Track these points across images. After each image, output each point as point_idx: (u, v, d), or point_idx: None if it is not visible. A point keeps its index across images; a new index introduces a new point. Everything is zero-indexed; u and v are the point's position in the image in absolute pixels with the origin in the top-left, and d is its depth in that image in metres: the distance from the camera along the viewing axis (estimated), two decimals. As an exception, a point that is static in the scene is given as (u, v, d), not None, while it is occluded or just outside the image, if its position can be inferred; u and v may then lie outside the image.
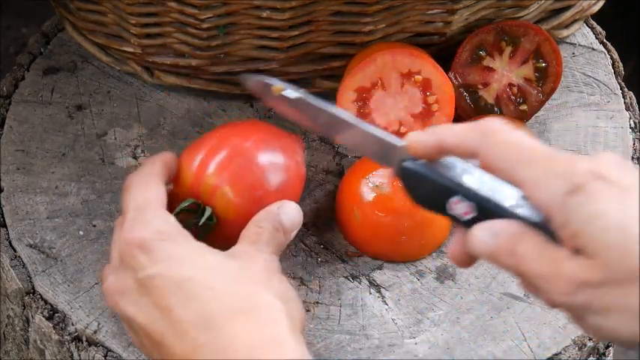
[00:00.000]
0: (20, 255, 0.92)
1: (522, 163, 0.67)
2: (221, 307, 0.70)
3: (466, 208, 0.70)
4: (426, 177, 0.72)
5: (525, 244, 0.66)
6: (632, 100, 1.06)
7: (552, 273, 0.65)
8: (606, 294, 0.63)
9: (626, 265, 0.62)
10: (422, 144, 0.71)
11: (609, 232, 0.62)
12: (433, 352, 0.87)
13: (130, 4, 0.98)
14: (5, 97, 1.04)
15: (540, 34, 0.99)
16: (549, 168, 0.66)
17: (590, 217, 0.63)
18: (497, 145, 0.68)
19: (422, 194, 0.72)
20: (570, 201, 0.64)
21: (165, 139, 1.01)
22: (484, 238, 0.68)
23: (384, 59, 0.95)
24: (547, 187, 0.65)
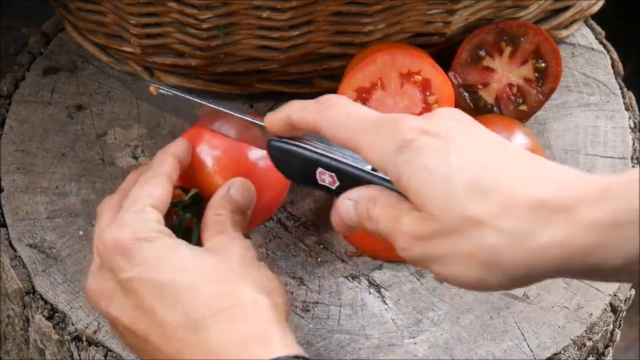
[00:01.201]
0: (20, 255, 0.92)
1: (358, 131, 0.70)
2: (203, 307, 0.70)
3: (330, 178, 0.74)
4: (289, 152, 0.76)
5: (378, 207, 0.69)
6: (631, 100, 1.06)
7: (393, 230, 0.68)
8: (439, 244, 0.65)
9: (452, 214, 0.64)
10: (274, 121, 0.75)
11: (433, 183, 0.65)
12: (433, 352, 0.87)
13: (130, 4, 0.98)
14: (5, 97, 1.04)
15: (540, 35, 0.99)
16: (380, 130, 0.68)
17: (415, 171, 0.65)
18: (335, 118, 0.71)
19: (292, 170, 0.77)
20: (399, 158, 0.66)
21: (165, 139, 1.01)
22: (345, 206, 0.71)
23: (384, 59, 0.95)
24: (379, 148, 0.68)
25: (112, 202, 0.81)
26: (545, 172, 0.65)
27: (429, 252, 0.66)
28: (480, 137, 0.68)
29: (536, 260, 0.62)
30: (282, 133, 0.76)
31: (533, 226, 0.62)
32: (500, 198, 0.63)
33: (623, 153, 1.01)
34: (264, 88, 1.03)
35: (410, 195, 0.66)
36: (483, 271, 0.64)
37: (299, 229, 0.95)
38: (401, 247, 0.68)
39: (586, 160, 1.01)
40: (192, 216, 0.83)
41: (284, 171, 0.78)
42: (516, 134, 0.94)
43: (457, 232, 0.64)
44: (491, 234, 0.63)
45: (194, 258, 0.74)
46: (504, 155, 0.66)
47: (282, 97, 1.05)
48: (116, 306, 0.74)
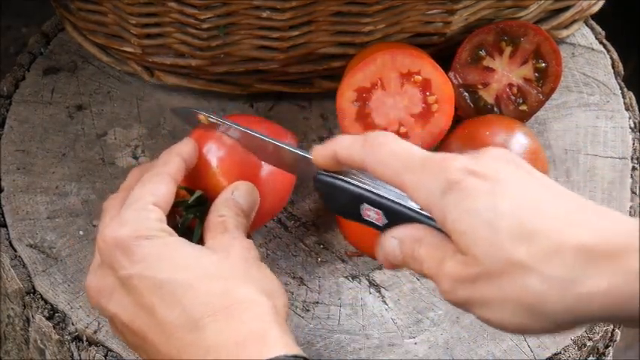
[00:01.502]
0: (20, 255, 0.92)
1: (403, 169, 0.69)
2: (202, 306, 0.70)
3: (376, 215, 0.73)
4: (335, 186, 0.76)
5: (423, 247, 0.69)
6: (631, 100, 1.06)
7: (436, 272, 0.68)
8: (483, 288, 0.65)
9: (496, 258, 0.64)
10: (321, 156, 0.75)
11: (478, 227, 0.64)
12: (433, 352, 0.87)
13: (130, 5, 0.98)
14: (6, 97, 1.04)
15: (540, 35, 0.99)
16: (426, 169, 0.68)
17: (462, 213, 0.65)
18: (381, 155, 0.71)
19: (337, 204, 0.76)
20: (445, 199, 0.66)
21: (166, 139, 1.02)
22: (391, 245, 0.71)
23: (384, 59, 0.95)
24: (425, 187, 0.67)
25: (116, 200, 0.80)
26: (591, 216, 0.64)
27: (472, 296, 0.66)
28: (528, 180, 0.67)
29: (581, 307, 0.62)
30: (328, 167, 0.76)
31: (578, 272, 0.61)
32: (545, 243, 0.63)
33: (623, 153, 1.01)
34: (264, 88, 1.04)
35: (455, 238, 0.66)
36: (527, 315, 0.64)
37: (299, 229, 0.95)
38: (444, 289, 0.67)
39: (586, 160, 1.01)
40: (195, 217, 0.83)
41: (329, 204, 0.78)
42: (516, 134, 0.94)
43: (501, 277, 0.64)
44: (536, 279, 0.62)
45: (195, 256, 0.74)
46: (552, 199, 0.66)
47: (282, 97, 1.05)
48: (115, 303, 0.74)
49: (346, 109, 0.96)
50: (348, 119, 0.96)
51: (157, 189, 0.78)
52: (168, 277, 0.72)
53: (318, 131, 1.03)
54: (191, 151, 0.83)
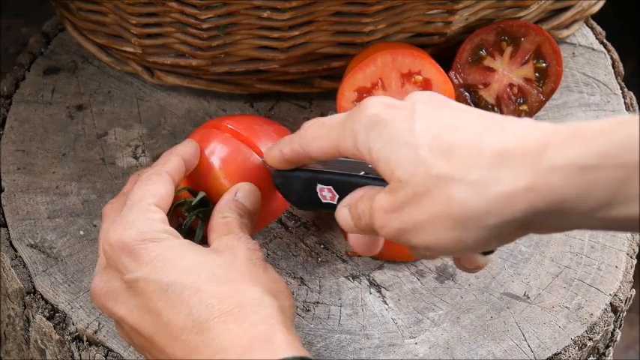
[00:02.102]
0: (21, 255, 0.92)
1: (331, 130, 0.72)
2: (208, 308, 0.70)
3: (330, 192, 0.77)
4: (289, 177, 0.79)
5: (363, 201, 0.71)
6: (632, 101, 1.06)
7: (370, 213, 0.69)
8: (412, 210, 0.66)
9: (419, 176, 0.65)
10: (272, 159, 0.79)
11: (399, 150, 0.66)
12: (433, 352, 0.87)
13: (130, 4, 0.98)
14: (6, 97, 1.04)
15: (541, 35, 0.99)
16: (349, 118, 0.71)
17: (383, 141, 0.67)
18: (311, 133, 0.74)
19: (297, 195, 0.80)
20: (369, 134, 0.68)
21: (166, 139, 1.02)
22: (342, 214, 0.74)
23: (385, 59, 0.95)
24: (351, 133, 0.70)
25: (115, 205, 0.80)
26: (513, 124, 0.65)
27: (404, 221, 0.66)
28: (445, 105, 0.68)
29: (507, 207, 0.62)
30: (282, 167, 0.79)
31: (498, 174, 0.62)
32: (464, 152, 0.64)
33: (624, 153, 1.01)
34: (264, 88, 1.03)
35: (380, 168, 0.67)
36: (458, 228, 0.64)
37: (299, 229, 0.95)
38: (379, 225, 0.69)
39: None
40: (197, 217, 0.83)
41: (291, 199, 0.81)
42: (517, 134, 0.94)
43: (427, 194, 0.65)
44: (459, 188, 0.63)
45: (200, 259, 0.74)
46: (471, 117, 0.67)
47: (282, 97, 1.05)
48: (122, 306, 0.74)
49: (347, 109, 0.96)
50: (349, 119, 0.96)
51: (157, 189, 0.78)
52: (175, 280, 0.72)
53: (318, 131, 1.03)
54: (192, 151, 0.83)
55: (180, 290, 0.71)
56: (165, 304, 0.71)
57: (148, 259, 0.73)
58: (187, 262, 0.74)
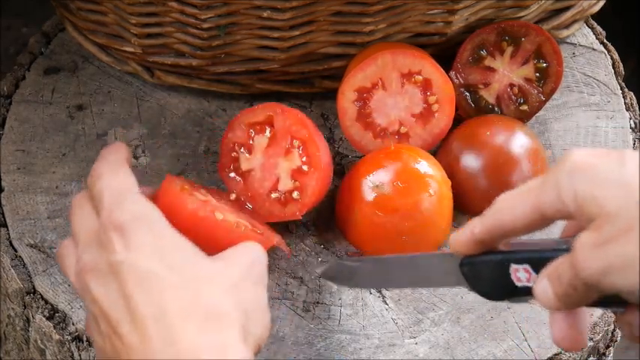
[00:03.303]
0: (21, 255, 0.92)
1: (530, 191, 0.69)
2: (177, 305, 0.70)
3: (526, 273, 0.72)
4: (481, 262, 0.74)
5: (563, 262, 0.68)
6: (632, 101, 1.06)
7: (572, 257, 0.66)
8: (621, 246, 0.63)
9: (632, 210, 0.63)
10: (461, 244, 0.74)
11: (608, 188, 0.64)
12: (433, 352, 0.87)
13: (130, 4, 0.98)
14: (6, 96, 1.04)
15: (541, 35, 0.99)
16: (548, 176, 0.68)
17: (590, 183, 0.65)
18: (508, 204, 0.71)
19: (486, 282, 0.74)
20: (574, 178, 0.66)
21: (166, 139, 1.02)
22: (542, 285, 0.69)
23: (385, 59, 0.95)
24: (553, 183, 0.67)
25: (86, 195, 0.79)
26: None
27: (611, 257, 0.64)
28: None
29: None
30: (472, 252, 0.75)
31: None
32: None
33: (624, 153, 1.01)
34: (264, 88, 1.03)
35: (586, 207, 0.65)
36: None
37: (300, 229, 0.95)
38: (581, 263, 0.65)
39: (587, 160, 1.01)
40: None
41: (481, 288, 0.75)
42: (517, 134, 0.94)
43: (635, 228, 0.63)
44: None
45: (187, 258, 0.73)
46: None
47: (283, 97, 1.05)
48: (102, 286, 0.72)
49: (347, 108, 0.96)
50: (349, 119, 0.96)
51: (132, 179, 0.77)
52: (155, 270, 0.71)
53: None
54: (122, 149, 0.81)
55: (157, 280, 0.70)
56: (140, 291, 0.70)
57: (139, 243, 0.72)
58: (175, 258, 0.73)
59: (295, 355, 0.86)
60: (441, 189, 0.90)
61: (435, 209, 0.90)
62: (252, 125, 0.92)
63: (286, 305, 0.89)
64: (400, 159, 0.91)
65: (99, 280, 0.72)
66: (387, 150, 0.92)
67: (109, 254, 0.72)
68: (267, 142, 0.92)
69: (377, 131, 0.96)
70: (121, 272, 0.71)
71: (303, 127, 0.90)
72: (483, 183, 0.93)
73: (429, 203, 0.90)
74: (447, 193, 0.91)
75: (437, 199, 0.90)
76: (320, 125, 1.03)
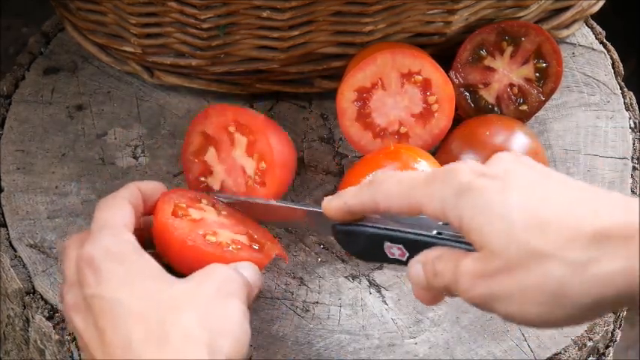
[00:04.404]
0: (20, 255, 0.92)
1: (412, 189, 0.71)
2: (141, 332, 0.71)
3: (399, 250, 0.75)
4: (355, 233, 0.78)
5: (442, 261, 0.70)
6: (632, 100, 1.06)
7: (454, 274, 0.69)
8: (503, 281, 0.66)
9: (514, 249, 0.65)
10: (334, 210, 0.78)
11: (493, 222, 0.66)
12: (433, 352, 0.87)
13: (130, 4, 0.98)
14: (5, 97, 1.04)
15: (541, 35, 0.99)
16: (436, 180, 0.70)
17: (476, 211, 0.67)
18: (387, 189, 0.73)
19: (360, 249, 0.78)
20: (459, 202, 0.68)
21: (166, 139, 1.01)
22: (415, 270, 0.73)
23: (385, 59, 0.95)
24: (437, 196, 0.69)
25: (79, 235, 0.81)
26: (606, 202, 0.65)
27: (493, 290, 0.66)
28: (535, 174, 0.68)
29: (601, 288, 0.62)
30: (343, 219, 0.78)
31: (595, 254, 0.62)
32: (562, 230, 0.64)
33: (624, 153, 1.01)
34: (264, 88, 1.03)
35: (471, 236, 0.67)
36: (550, 304, 0.64)
37: (299, 229, 0.95)
38: (463, 288, 0.68)
39: (586, 160, 1.01)
40: None
41: (352, 251, 0.80)
42: (517, 134, 0.94)
43: (520, 267, 0.65)
44: (556, 266, 0.63)
45: (157, 285, 0.75)
46: (564, 190, 0.67)
47: (282, 97, 1.05)
48: (82, 321, 0.75)
49: (346, 108, 0.96)
50: (349, 119, 0.96)
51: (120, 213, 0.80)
52: (122, 301, 0.73)
53: (318, 131, 1.03)
54: (151, 185, 0.85)
55: (124, 311, 0.72)
56: (109, 323, 0.72)
57: (107, 277, 0.74)
58: (143, 286, 0.74)
59: (295, 355, 0.86)
60: (440, 189, 0.90)
61: (435, 209, 0.90)
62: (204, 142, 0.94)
63: (286, 305, 0.89)
64: (400, 159, 0.91)
65: (79, 315, 0.75)
66: (387, 150, 0.92)
67: (84, 289, 0.74)
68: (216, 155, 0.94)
69: (376, 131, 0.96)
70: (94, 306, 0.73)
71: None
72: (483, 183, 0.93)
73: (428, 203, 0.89)
74: (447, 193, 0.91)
75: (436, 199, 0.90)
76: (319, 125, 1.03)
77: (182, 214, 0.85)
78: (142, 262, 0.76)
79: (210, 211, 0.87)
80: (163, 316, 0.72)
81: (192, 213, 0.86)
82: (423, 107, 0.96)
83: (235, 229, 0.87)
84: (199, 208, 0.87)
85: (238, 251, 0.84)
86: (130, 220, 0.80)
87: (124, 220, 0.79)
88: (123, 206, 0.81)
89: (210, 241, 0.83)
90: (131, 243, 0.77)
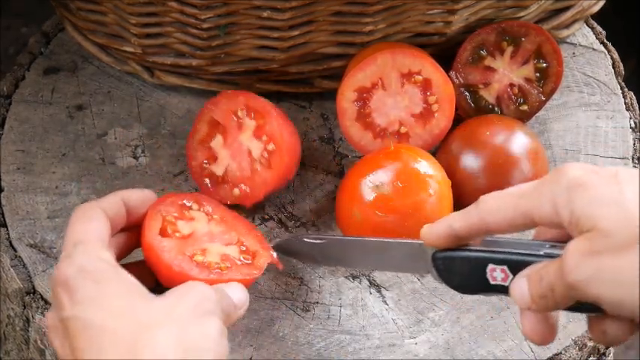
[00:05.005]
0: (20, 255, 0.92)
1: (520, 198, 0.70)
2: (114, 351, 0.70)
3: (502, 273, 0.73)
4: (457, 258, 0.75)
5: (549, 266, 0.69)
6: (632, 100, 1.06)
7: (560, 263, 0.67)
8: (611, 260, 0.64)
9: (624, 230, 0.64)
10: (436, 236, 0.75)
11: (605, 206, 0.65)
12: (433, 352, 0.87)
13: (130, 4, 0.98)
14: (6, 97, 1.04)
15: (541, 35, 0.99)
16: (544, 185, 0.69)
17: (588, 200, 0.66)
18: (494, 204, 0.72)
19: (459, 277, 0.75)
20: (572, 195, 0.67)
21: (166, 139, 1.01)
22: (519, 285, 0.71)
23: (385, 59, 0.95)
24: (548, 197, 0.68)
25: None
26: None
27: (600, 268, 0.65)
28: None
29: None
30: (447, 245, 0.76)
31: None
32: None
33: (624, 153, 1.01)
34: (264, 88, 1.03)
35: (581, 223, 0.66)
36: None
37: (299, 229, 0.95)
38: (568, 268, 0.66)
39: (586, 160, 1.01)
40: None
41: (450, 281, 0.77)
42: (517, 134, 0.94)
43: (632, 248, 0.64)
44: None
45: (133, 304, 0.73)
46: None
47: (282, 97, 1.05)
48: (59, 342, 0.74)
49: (347, 108, 0.96)
50: (349, 119, 0.96)
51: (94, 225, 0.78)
52: (98, 323, 0.71)
53: (318, 131, 1.03)
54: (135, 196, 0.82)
55: (98, 331, 0.71)
56: (84, 344, 0.71)
57: (82, 297, 0.73)
58: (118, 305, 0.73)
59: (295, 355, 0.86)
60: (441, 189, 0.90)
61: (435, 209, 0.90)
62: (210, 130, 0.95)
63: (286, 305, 0.89)
64: (400, 159, 0.91)
65: (57, 336, 0.74)
66: (387, 150, 0.92)
67: (60, 312, 0.74)
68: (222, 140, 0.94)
69: (377, 131, 0.96)
70: (69, 327, 0.72)
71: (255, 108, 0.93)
72: (483, 183, 0.93)
73: (428, 203, 0.89)
74: (447, 193, 0.91)
75: (437, 199, 0.90)
76: (319, 125, 1.03)
77: (171, 230, 0.83)
78: (117, 279, 0.74)
79: (201, 219, 0.86)
80: (137, 335, 0.71)
81: (181, 227, 0.84)
82: (423, 107, 0.96)
83: (226, 240, 0.85)
84: (189, 218, 0.85)
85: (228, 271, 0.82)
86: (106, 233, 0.78)
87: (99, 234, 0.77)
88: (99, 218, 0.78)
89: (198, 262, 0.81)
90: (106, 261, 0.75)
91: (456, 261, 0.75)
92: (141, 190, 0.83)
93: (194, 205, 0.87)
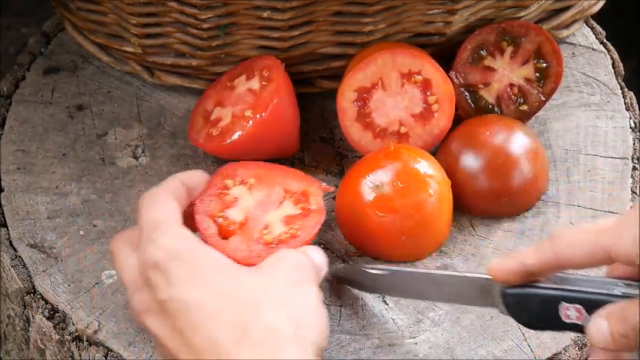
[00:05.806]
0: (21, 255, 0.92)
1: (599, 234, 0.70)
2: (226, 333, 0.71)
3: (577, 312, 0.72)
4: (528, 296, 0.74)
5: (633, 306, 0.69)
6: (632, 100, 1.06)
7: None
8: None
9: None
10: (507, 272, 0.75)
11: None
12: (433, 352, 0.87)
13: (130, 4, 0.98)
14: (6, 96, 1.04)
15: (541, 35, 0.99)
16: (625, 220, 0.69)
17: None
18: (571, 238, 0.71)
19: (530, 314, 0.74)
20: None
21: (166, 139, 1.02)
22: (597, 325, 0.70)
23: (385, 59, 0.95)
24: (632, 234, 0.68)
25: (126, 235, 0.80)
26: None
27: None
28: None
29: None
30: (517, 281, 0.75)
31: None
32: None
33: (624, 153, 1.01)
34: (264, 88, 1.04)
35: None
36: None
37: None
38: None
39: (586, 160, 1.01)
40: None
41: (521, 318, 0.76)
42: (517, 134, 0.94)
43: None
44: None
45: (228, 282, 0.74)
46: None
47: (283, 97, 1.05)
48: (156, 323, 0.74)
49: (347, 109, 0.96)
50: (349, 119, 0.96)
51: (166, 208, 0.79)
52: (198, 301, 0.72)
53: (318, 131, 1.03)
54: (194, 177, 0.84)
55: (202, 311, 0.72)
56: (188, 324, 0.72)
57: (176, 278, 0.73)
58: (213, 283, 0.74)
59: (295, 355, 0.86)
60: (440, 189, 0.90)
61: (435, 209, 0.90)
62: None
63: (286, 305, 0.89)
64: (400, 159, 0.91)
65: (152, 318, 0.75)
66: (387, 150, 0.92)
67: (156, 293, 0.74)
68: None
69: (377, 131, 0.96)
70: (168, 308, 0.73)
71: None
72: (483, 183, 0.93)
73: (428, 203, 0.90)
74: (447, 193, 0.91)
75: (437, 199, 0.90)
76: (319, 125, 1.03)
77: (226, 223, 0.83)
78: (205, 256, 0.75)
79: (242, 193, 0.86)
80: (242, 313, 0.72)
81: (232, 215, 0.84)
82: (423, 107, 0.96)
83: (275, 199, 0.85)
84: (233, 201, 0.85)
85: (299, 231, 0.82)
86: (179, 215, 0.79)
87: (175, 215, 0.78)
88: (169, 201, 0.79)
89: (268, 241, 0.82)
90: (189, 238, 0.76)
91: (527, 298, 0.74)
92: (194, 171, 0.84)
93: (228, 182, 0.86)
